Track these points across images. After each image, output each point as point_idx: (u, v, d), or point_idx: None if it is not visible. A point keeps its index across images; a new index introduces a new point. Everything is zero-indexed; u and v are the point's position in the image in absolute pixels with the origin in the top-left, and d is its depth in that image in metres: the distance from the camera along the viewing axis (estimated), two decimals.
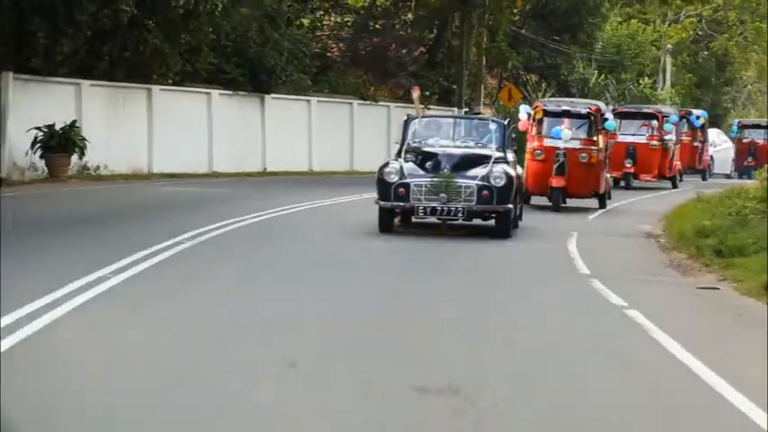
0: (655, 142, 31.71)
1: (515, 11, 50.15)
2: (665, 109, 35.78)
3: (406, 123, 17.60)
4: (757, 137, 46.33)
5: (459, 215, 16.06)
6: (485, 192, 16.02)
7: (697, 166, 40.63)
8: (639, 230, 18.59)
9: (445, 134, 17.58)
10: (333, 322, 9.43)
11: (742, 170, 45.08)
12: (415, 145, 17.09)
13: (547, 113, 23.13)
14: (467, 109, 40.20)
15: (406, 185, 16.15)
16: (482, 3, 45.14)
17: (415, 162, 16.64)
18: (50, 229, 16.18)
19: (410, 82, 43.26)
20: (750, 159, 45.00)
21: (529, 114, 22.91)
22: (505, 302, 11.02)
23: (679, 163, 34.40)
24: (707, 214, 17.54)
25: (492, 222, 16.65)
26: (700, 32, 64.23)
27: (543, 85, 50.27)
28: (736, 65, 66.36)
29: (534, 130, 22.77)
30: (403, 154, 16.88)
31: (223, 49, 33.24)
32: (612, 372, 7.98)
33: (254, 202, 21.48)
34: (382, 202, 16.41)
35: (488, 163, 16.36)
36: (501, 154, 16.78)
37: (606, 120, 23.48)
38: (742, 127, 47.62)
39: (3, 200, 20.28)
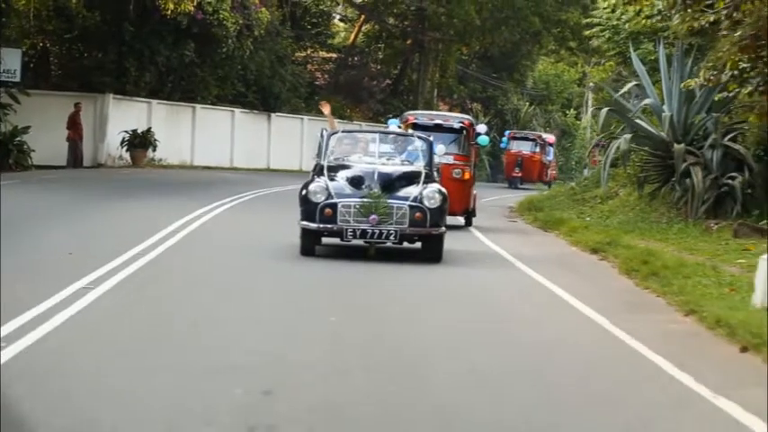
0: None
1: (463, 53, 58.04)
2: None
3: (324, 138, 15.92)
4: (525, 149, 46.80)
5: (391, 238, 14.67)
6: (418, 213, 14.68)
7: None
8: (505, 206, 31.08)
9: (368, 150, 15.99)
10: None
11: (510, 180, 45.59)
12: (337, 162, 15.42)
13: (417, 127, 20.87)
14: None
15: (334, 206, 14.61)
16: (435, 47, 52.55)
17: (339, 180, 14.98)
18: (163, 188, 28.46)
19: (377, 107, 51.07)
20: (517, 170, 45.72)
21: (399, 128, 20.46)
22: None
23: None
24: (542, 197, 30.13)
25: (418, 245, 15.27)
26: (624, 73, 74.51)
27: (486, 111, 59.13)
28: None
29: None
30: (325, 171, 15.15)
31: (246, 80, 41.98)
32: (453, 239, 19.98)
33: (266, 183, 31.37)
34: (306, 224, 14.75)
35: (419, 182, 15.07)
36: (429, 172, 15.45)
37: (479, 135, 22.49)
38: (512, 138, 46.59)
39: (118, 173, 32.68)
